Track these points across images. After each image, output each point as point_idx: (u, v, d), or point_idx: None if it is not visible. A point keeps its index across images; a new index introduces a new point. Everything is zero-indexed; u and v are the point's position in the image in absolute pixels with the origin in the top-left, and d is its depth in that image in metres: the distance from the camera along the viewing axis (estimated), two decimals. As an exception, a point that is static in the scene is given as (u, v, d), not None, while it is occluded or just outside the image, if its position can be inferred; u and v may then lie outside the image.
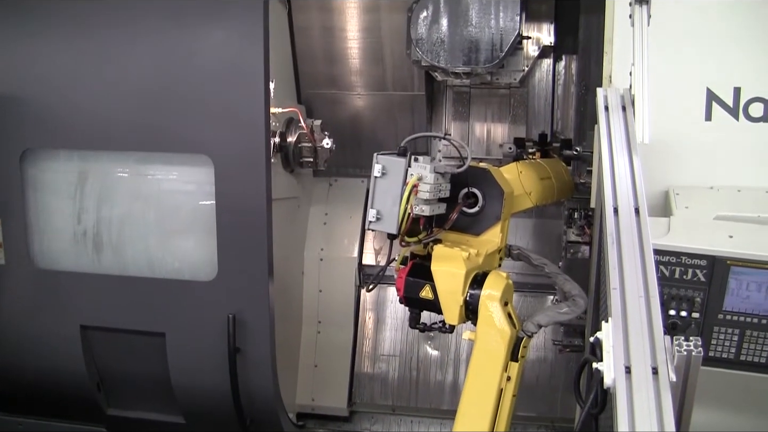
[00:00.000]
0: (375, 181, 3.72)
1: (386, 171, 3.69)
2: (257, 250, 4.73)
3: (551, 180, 5.03)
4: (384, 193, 3.71)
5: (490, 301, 3.86)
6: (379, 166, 3.70)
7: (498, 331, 3.85)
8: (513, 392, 3.92)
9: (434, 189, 3.73)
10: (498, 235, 4.11)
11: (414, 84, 6.40)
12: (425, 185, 3.68)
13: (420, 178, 3.67)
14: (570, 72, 6.53)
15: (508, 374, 3.90)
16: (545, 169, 5.03)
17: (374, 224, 3.73)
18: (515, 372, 3.92)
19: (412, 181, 3.64)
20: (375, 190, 3.73)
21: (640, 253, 2.99)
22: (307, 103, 6.54)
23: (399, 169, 3.68)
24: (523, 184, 4.48)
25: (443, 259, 3.91)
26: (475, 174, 4.04)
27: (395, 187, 3.68)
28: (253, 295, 4.82)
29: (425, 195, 3.68)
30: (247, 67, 4.62)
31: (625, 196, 3.29)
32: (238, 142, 4.68)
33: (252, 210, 4.70)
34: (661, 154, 4.38)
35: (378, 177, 3.70)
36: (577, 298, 4.12)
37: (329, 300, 6.71)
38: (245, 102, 4.64)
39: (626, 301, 2.79)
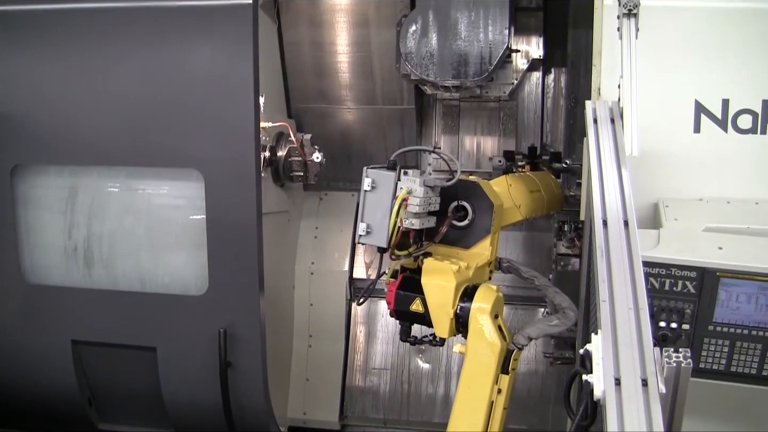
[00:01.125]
0: (365, 194, 3.72)
1: (376, 185, 3.69)
2: (248, 264, 4.73)
3: (540, 193, 5.05)
4: (374, 206, 3.71)
5: (480, 314, 3.86)
6: (369, 179, 3.71)
7: (488, 344, 3.85)
8: (504, 405, 3.93)
9: (424, 202, 3.73)
10: (488, 248, 4.12)
11: (403, 98, 6.41)
12: (415, 198, 3.68)
13: (410, 191, 3.67)
14: (559, 85, 6.55)
15: (498, 387, 3.90)
16: (534, 182, 5.04)
17: (364, 238, 3.73)
18: (506, 384, 3.92)
19: (401, 194, 3.65)
20: (365, 203, 3.73)
21: (630, 265, 3.00)
22: (297, 117, 6.54)
23: (389, 182, 3.68)
24: (512, 197, 4.49)
25: (433, 272, 3.92)
26: (465, 187, 4.06)
27: (385, 201, 3.68)
28: (244, 309, 4.81)
29: (415, 208, 3.68)
30: (237, 82, 4.62)
31: (615, 208, 3.30)
32: (228, 156, 4.68)
33: (242, 224, 4.70)
34: (650, 166, 4.39)
35: (368, 191, 3.70)
36: (567, 310, 4.12)
37: (320, 314, 6.70)
38: (235, 116, 4.64)
39: (616, 314, 2.80)
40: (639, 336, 2.72)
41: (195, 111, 4.72)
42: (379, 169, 3.74)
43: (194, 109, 4.72)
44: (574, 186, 5.65)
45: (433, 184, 3.80)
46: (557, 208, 5.56)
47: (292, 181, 5.91)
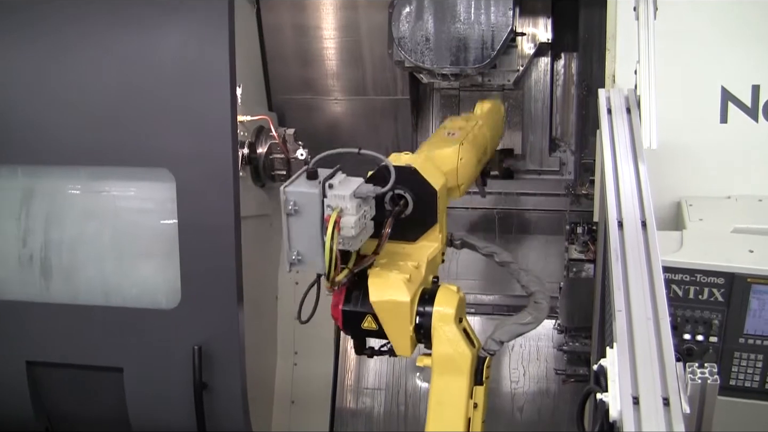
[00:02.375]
0: (287, 219, 3.50)
1: (298, 206, 3.44)
2: (225, 273, 4.71)
3: (486, 152, 4.96)
4: (300, 232, 3.50)
5: (443, 323, 3.76)
6: (289, 201, 3.45)
7: (458, 354, 3.78)
8: (482, 418, 3.89)
9: (360, 220, 3.51)
10: (437, 237, 4.01)
11: (397, 87, 6.42)
12: (348, 218, 3.45)
13: (341, 210, 3.45)
14: (570, 72, 6.55)
15: (474, 401, 3.86)
16: (485, 137, 4.89)
17: (298, 266, 3.56)
18: (482, 397, 3.84)
19: (332, 217, 3.41)
20: (289, 229, 3.51)
21: (648, 270, 3.00)
22: (279, 109, 6.54)
23: (313, 203, 3.44)
24: (459, 175, 4.32)
25: (381, 287, 3.72)
26: (401, 173, 3.82)
27: (312, 226, 3.47)
28: (221, 323, 4.80)
29: (350, 231, 3.45)
30: (211, 71, 4.61)
31: (631, 208, 3.31)
32: (201, 154, 4.67)
33: (219, 229, 4.68)
34: (671, 160, 4.39)
35: (290, 214, 3.48)
36: (539, 299, 3.99)
37: (306, 328, 6.63)
38: (209, 110, 4.63)
39: (633, 325, 2.79)
40: (659, 350, 2.72)
41: (165, 104, 4.70)
42: (298, 186, 3.49)
43: (164, 102, 4.71)
44: (587, 183, 5.65)
45: (366, 195, 3.53)
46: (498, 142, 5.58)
47: (273, 181, 5.91)
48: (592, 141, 5.30)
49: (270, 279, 6.64)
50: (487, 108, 5.20)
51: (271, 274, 6.65)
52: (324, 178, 3.48)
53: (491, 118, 5.15)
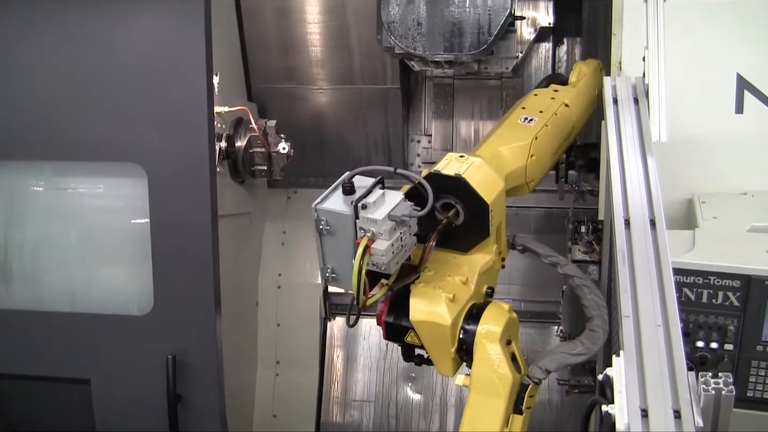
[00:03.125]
0: (319, 237, 3.51)
1: (330, 227, 3.46)
2: (201, 277, 4.71)
3: (570, 136, 4.78)
4: (333, 250, 3.51)
5: (487, 341, 3.73)
6: (322, 220, 3.46)
7: (498, 376, 3.74)
8: None
9: (394, 245, 3.48)
10: (491, 249, 4.00)
11: (387, 76, 6.42)
12: (381, 243, 3.42)
13: (372, 235, 3.42)
14: (573, 58, 6.55)
15: (509, 430, 3.82)
16: (570, 120, 4.72)
17: (333, 282, 3.57)
18: (519, 427, 3.82)
19: (362, 243, 3.39)
20: (322, 246, 3.53)
21: (658, 273, 3.00)
22: (260, 100, 6.54)
23: (345, 224, 3.44)
24: (527, 173, 4.27)
25: (422, 306, 3.69)
26: (450, 183, 3.80)
27: (345, 247, 3.46)
28: (197, 331, 4.79)
29: (382, 259, 3.43)
30: (186, 59, 4.61)
31: (639, 205, 3.30)
32: (176, 148, 4.67)
33: (194, 229, 4.68)
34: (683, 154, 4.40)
35: (323, 234, 3.49)
36: (595, 327, 3.92)
37: (289, 336, 6.69)
38: (184, 100, 4.63)
39: (641, 332, 2.79)
40: (670, 358, 2.71)
41: (135, 94, 4.70)
42: (332, 199, 3.49)
43: (134, 92, 4.70)
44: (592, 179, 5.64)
45: (401, 217, 3.49)
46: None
47: (253, 177, 5.92)
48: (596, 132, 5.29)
49: (250, 283, 6.64)
50: (585, 74, 5.03)
51: (251, 278, 6.65)
52: (358, 197, 3.43)
53: (588, 90, 4.97)
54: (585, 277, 3.99)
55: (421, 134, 6.85)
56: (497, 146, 4.18)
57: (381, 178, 3.55)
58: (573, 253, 5.78)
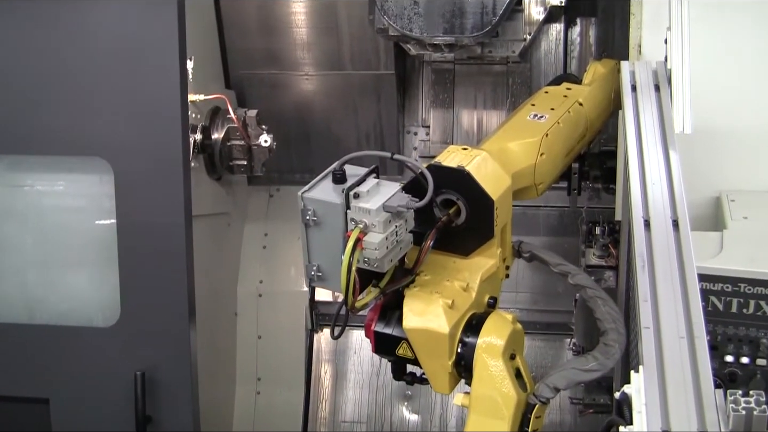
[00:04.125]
0: (304, 229, 3.50)
1: (318, 217, 3.44)
2: (174, 284, 4.71)
3: (584, 138, 4.82)
4: (320, 246, 3.50)
5: (489, 355, 3.71)
6: (309, 210, 3.44)
7: (500, 395, 3.73)
8: None
9: (389, 239, 3.45)
10: (495, 253, 4.00)
11: (380, 60, 6.42)
12: (374, 236, 3.39)
13: (365, 227, 3.40)
14: (587, 41, 6.56)
15: None
16: (585, 120, 4.74)
17: (317, 282, 3.57)
18: None
19: (353, 235, 3.37)
20: (308, 240, 3.52)
21: (681, 279, 3.01)
22: (239, 87, 6.55)
23: (334, 215, 3.43)
24: (536, 174, 4.30)
25: (417, 312, 3.66)
26: (452, 176, 3.80)
27: (334, 241, 3.45)
28: (169, 344, 4.78)
29: (374, 253, 3.39)
30: (156, 42, 4.60)
31: (660, 204, 3.31)
32: (145, 140, 4.66)
33: (166, 231, 4.68)
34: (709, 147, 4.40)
35: (309, 226, 3.48)
36: (610, 341, 3.90)
37: (272, 349, 6.69)
38: (154, 87, 4.62)
39: (663, 345, 2.79)
40: (695, 374, 2.71)
41: (100, 81, 4.69)
42: (318, 193, 3.47)
43: (99, 79, 4.69)
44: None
45: (397, 208, 3.46)
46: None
47: (232, 173, 5.92)
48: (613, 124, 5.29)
49: (228, 291, 6.65)
50: (601, 74, 5.05)
51: (229, 285, 6.66)
52: (350, 185, 3.42)
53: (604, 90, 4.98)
54: (598, 288, 3.96)
55: (418, 125, 6.86)
56: (504, 141, 4.19)
57: (375, 166, 3.54)
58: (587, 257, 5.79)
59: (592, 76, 4.98)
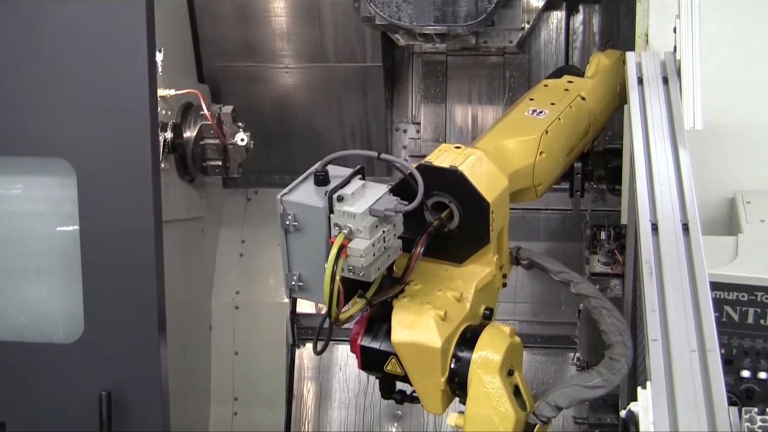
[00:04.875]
0: (285, 235, 3.51)
1: (299, 222, 3.45)
2: (142, 295, 4.69)
3: (587, 136, 4.84)
4: (302, 253, 3.52)
5: (485, 371, 3.71)
6: (289, 215, 3.45)
7: (498, 414, 3.73)
8: None
9: (375, 246, 3.45)
10: (491, 260, 4.00)
11: (366, 52, 6.44)
12: (359, 242, 3.39)
13: (350, 232, 3.41)
14: (590, 30, 6.57)
15: None
16: (588, 115, 4.76)
17: (299, 292, 3.60)
18: None
19: (337, 241, 3.37)
20: (288, 248, 3.54)
21: (692, 288, 3.01)
22: (213, 81, 6.56)
23: (317, 220, 3.44)
24: (535, 174, 4.30)
25: (406, 324, 3.66)
26: (444, 177, 3.81)
27: (316, 248, 3.47)
28: (137, 362, 4.77)
29: (360, 261, 3.39)
30: (122, 32, 4.59)
31: (669, 206, 3.31)
32: (110, 139, 4.64)
33: (134, 238, 4.66)
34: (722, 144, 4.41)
35: (289, 232, 3.50)
36: (616, 355, 3.88)
37: (250, 366, 6.68)
38: (120, 82, 4.60)
39: (672, 359, 2.80)
40: (707, 391, 2.72)
41: (61, 75, 4.67)
42: (299, 196, 3.48)
43: (60, 72, 4.67)
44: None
45: (385, 212, 3.46)
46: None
47: (206, 175, 5.92)
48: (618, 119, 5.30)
49: (202, 303, 6.65)
50: (605, 66, 5.07)
51: (203, 297, 6.66)
52: (333, 187, 3.43)
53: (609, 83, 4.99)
54: (603, 298, 3.97)
55: (407, 122, 6.87)
56: (500, 139, 4.20)
57: (361, 167, 3.55)
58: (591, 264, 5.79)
59: (596, 68, 4.99)
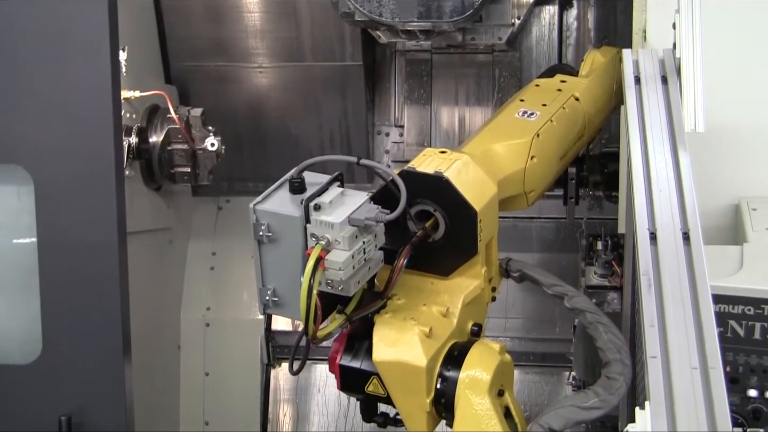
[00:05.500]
0: (258, 246, 3.51)
1: (273, 233, 3.45)
2: (105, 313, 4.68)
3: (582, 138, 4.85)
4: (277, 266, 3.52)
5: (473, 392, 3.71)
6: (263, 225, 3.45)
7: None
8: None
9: (355, 257, 3.45)
10: (479, 272, 3.99)
11: (345, 50, 6.45)
12: (338, 254, 3.39)
13: (328, 244, 3.40)
14: (585, 26, 6.58)
15: None
16: (583, 116, 4.77)
17: (273, 308, 3.59)
18: None
19: (314, 253, 3.36)
20: (262, 261, 3.54)
21: (693, 300, 3.01)
22: (181, 82, 6.57)
23: (292, 230, 3.43)
24: (526, 180, 4.31)
25: (389, 341, 3.65)
26: (429, 184, 3.80)
27: (292, 260, 3.46)
28: (100, 384, 4.76)
29: (339, 274, 3.38)
30: (83, 30, 4.58)
31: (669, 214, 3.32)
32: (70, 145, 4.63)
33: (96, 250, 4.65)
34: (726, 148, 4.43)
35: (263, 242, 3.49)
36: (614, 374, 3.87)
37: (221, 388, 6.68)
38: (81, 83, 4.60)
39: (672, 377, 2.80)
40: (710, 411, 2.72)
41: (16, 75, 4.67)
42: (276, 199, 3.50)
43: (15, 72, 4.67)
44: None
45: (365, 221, 3.45)
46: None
47: (174, 182, 5.92)
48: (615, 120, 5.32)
49: (170, 320, 6.65)
50: (600, 64, 5.07)
51: (171, 314, 6.66)
52: (310, 195, 3.43)
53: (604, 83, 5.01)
54: (599, 312, 3.96)
55: (390, 125, 6.88)
56: (489, 143, 4.20)
57: (340, 173, 3.54)
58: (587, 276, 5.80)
59: (591, 67, 5.00)
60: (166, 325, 6.57)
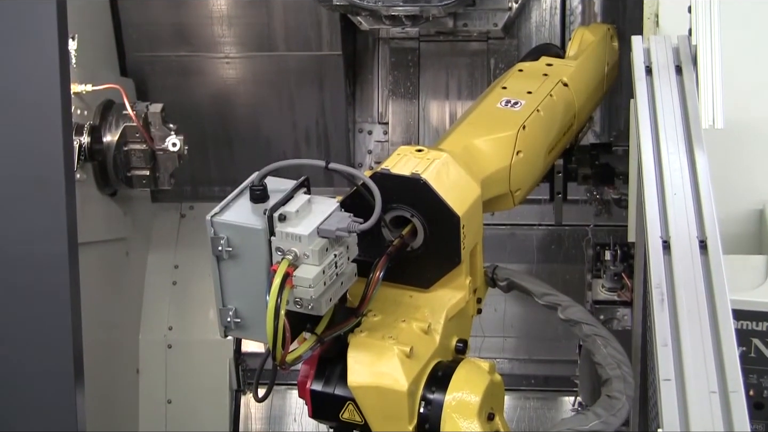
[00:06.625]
0: (217, 264, 3.51)
1: (233, 247, 3.44)
2: (54, 333, 4.68)
3: (571, 129, 4.89)
4: (238, 284, 3.52)
5: (461, 416, 3.72)
6: (222, 239, 3.44)
7: None
8: None
9: (326, 273, 3.43)
10: (463, 284, 3.99)
11: (322, 38, 6.45)
12: (307, 269, 3.38)
13: (295, 258, 3.39)
14: (590, 10, 6.60)
15: None
16: (572, 105, 4.80)
17: (235, 330, 3.59)
18: None
19: (280, 269, 3.34)
20: (221, 278, 3.53)
21: (711, 317, 3.02)
22: (139, 75, 6.58)
23: (255, 244, 3.43)
24: (512, 178, 4.33)
25: (365, 363, 3.66)
26: (406, 187, 3.81)
27: (255, 277, 3.46)
28: (49, 413, 4.76)
29: (308, 292, 3.37)
30: (26, 15, 4.59)
31: (684, 220, 3.33)
32: (14, 146, 4.63)
33: (43, 263, 4.65)
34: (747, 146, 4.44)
35: (222, 258, 3.48)
36: (615, 393, 3.82)
37: (185, 416, 6.68)
38: (24, 76, 4.60)
39: (688, 401, 2.81)
40: (730, 439, 2.74)
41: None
42: (236, 209, 3.51)
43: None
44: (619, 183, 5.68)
45: (336, 233, 3.44)
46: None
47: (131, 187, 5.91)
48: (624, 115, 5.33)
49: (127, 341, 6.64)
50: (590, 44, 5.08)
51: (129, 334, 6.65)
52: (273, 204, 3.41)
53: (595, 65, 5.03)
54: (597, 324, 4.01)
55: (372, 122, 6.89)
56: (470, 138, 4.21)
57: (305, 178, 3.54)
58: (594, 290, 5.82)
59: (579, 47, 5.02)
60: (124, 347, 6.57)
